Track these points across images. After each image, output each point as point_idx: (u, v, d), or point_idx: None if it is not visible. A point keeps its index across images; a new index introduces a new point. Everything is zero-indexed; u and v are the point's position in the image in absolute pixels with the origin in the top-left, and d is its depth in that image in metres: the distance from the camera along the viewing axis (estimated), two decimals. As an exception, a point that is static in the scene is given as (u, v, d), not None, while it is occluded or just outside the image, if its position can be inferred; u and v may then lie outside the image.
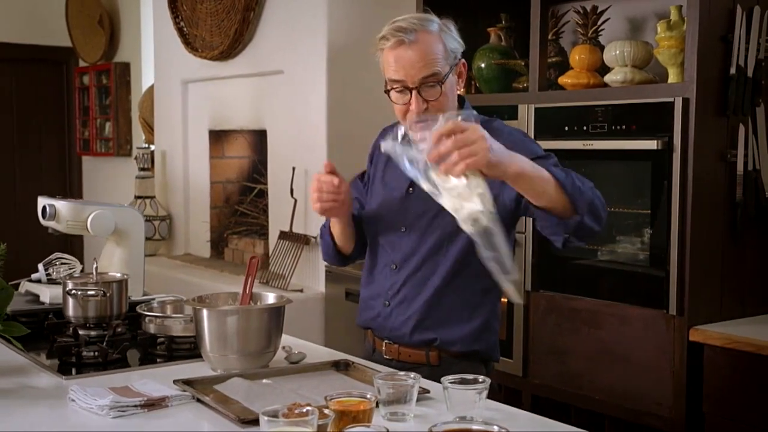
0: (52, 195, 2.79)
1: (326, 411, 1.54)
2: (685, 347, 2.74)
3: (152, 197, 5.51)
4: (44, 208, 2.62)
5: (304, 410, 1.47)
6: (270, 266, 4.48)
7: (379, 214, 2.22)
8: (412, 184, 2.04)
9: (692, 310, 2.75)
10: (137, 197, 5.50)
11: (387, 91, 2.04)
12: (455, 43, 2.05)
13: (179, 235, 5.51)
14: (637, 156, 2.85)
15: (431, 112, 1.94)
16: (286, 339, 2.48)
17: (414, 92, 1.98)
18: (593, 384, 3.01)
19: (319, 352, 2.29)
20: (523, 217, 3.17)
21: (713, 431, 2.70)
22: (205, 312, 2.05)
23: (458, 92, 2.09)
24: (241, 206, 5.25)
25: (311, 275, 4.29)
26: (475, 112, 1.99)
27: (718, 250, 2.83)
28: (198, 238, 5.37)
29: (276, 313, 2.11)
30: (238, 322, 2.04)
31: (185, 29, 5.14)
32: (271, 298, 2.21)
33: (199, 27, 5.00)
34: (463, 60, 2.10)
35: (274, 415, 1.45)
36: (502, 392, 2.85)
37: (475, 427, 1.49)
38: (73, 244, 6.62)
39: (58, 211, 2.61)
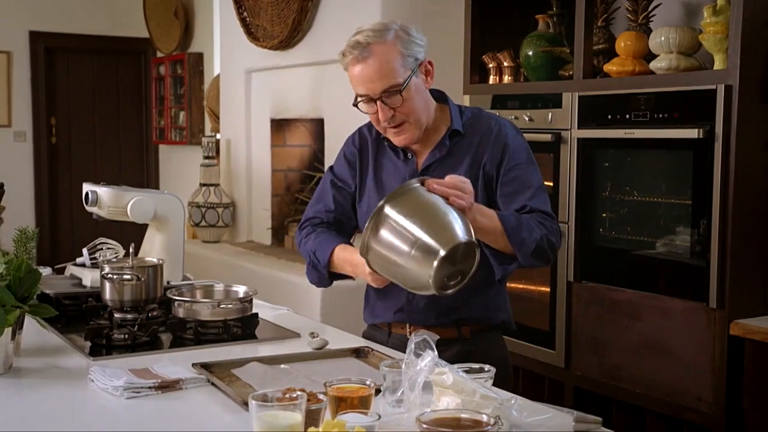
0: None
1: (320, 396, 1.56)
2: (725, 341, 2.67)
3: (217, 185, 5.61)
4: (87, 194, 2.70)
5: (295, 395, 1.50)
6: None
7: None
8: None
9: (733, 303, 2.68)
10: (202, 185, 5.61)
11: (356, 104, 2.14)
12: (415, 46, 2.11)
13: (242, 223, 5.60)
14: (679, 145, 2.78)
15: (399, 116, 2.10)
16: (315, 325, 2.52)
17: (378, 102, 2.09)
18: (633, 377, 2.95)
19: (344, 339, 2.31)
20: (566, 208, 3.15)
21: (753, 428, 2.63)
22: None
23: (428, 87, 2.16)
24: (302, 194, 5.30)
25: (364, 263, 4.31)
26: (473, 109, 2.20)
27: (761, 242, 2.74)
28: (260, 226, 5.45)
29: None
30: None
31: (248, 19, 5.22)
32: None
33: (260, 17, 5.08)
34: (428, 59, 2.15)
35: (263, 399, 1.49)
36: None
37: (464, 415, 1.49)
38: (143, 232, 6.79)
39: (99, 198, 2.69)
